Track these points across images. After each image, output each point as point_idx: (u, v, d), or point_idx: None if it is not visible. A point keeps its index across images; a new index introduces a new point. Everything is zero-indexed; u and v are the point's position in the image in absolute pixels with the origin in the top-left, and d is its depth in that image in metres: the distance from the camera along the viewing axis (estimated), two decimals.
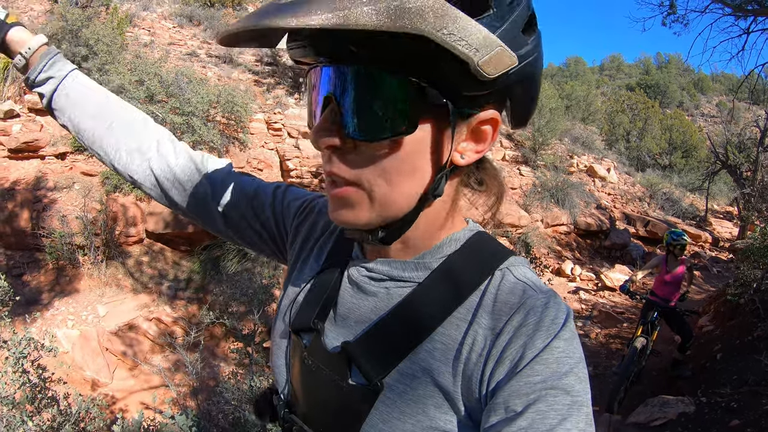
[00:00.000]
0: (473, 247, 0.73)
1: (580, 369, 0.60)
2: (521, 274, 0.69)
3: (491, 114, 0.65)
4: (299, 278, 0.88)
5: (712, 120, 34.39)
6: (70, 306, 6.64)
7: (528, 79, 0.66)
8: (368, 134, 0.62)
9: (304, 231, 0.93)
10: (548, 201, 12.44)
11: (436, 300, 0.69)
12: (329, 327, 0.78)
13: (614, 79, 44.10)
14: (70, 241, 6.94)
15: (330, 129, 0.63)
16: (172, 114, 8.34)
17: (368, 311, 0.74)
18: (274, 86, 11.85)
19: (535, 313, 0.63)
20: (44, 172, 7.49)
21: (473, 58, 0.56)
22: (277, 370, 0.86)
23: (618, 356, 6.74)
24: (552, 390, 0.58)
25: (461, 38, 0.54)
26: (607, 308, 9.05)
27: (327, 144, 0.64)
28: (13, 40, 1.01)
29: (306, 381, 0.77)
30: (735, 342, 5.49)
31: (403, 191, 0.65)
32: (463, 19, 0.54)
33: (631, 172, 17.96)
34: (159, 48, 11.12)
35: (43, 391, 2.48)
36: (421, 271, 0.72)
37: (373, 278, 0.75)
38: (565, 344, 0.61)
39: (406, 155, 0.63)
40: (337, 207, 0.68)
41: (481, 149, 0.68)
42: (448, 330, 0.67)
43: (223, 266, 7.87)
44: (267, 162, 9.74)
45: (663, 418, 4.49)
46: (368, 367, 0.69)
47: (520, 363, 0.60)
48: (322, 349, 0.75)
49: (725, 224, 17.66)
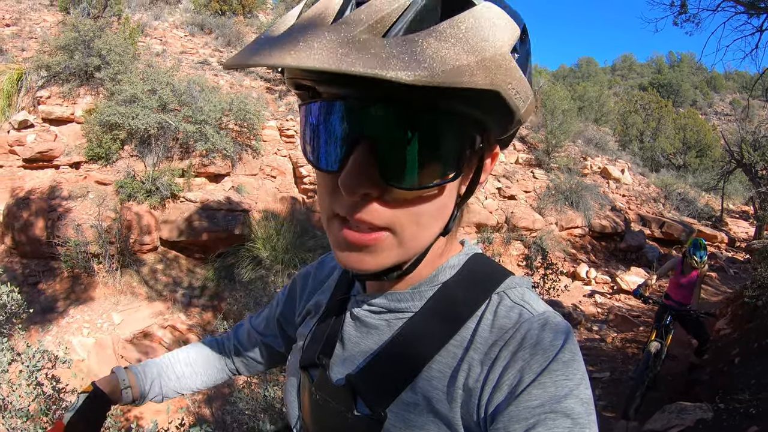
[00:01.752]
0: (469, 271, 0.74)
1: (581, 391, 0.59)
2: (518, 296, 0.69)
3: (496, 149, 0.67)
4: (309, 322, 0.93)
5: (726, 118, 34.01)
6: (85, 314, 6.71)
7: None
8: (417, 183, 0.57)
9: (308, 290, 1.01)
10: (562, 203, 12.37)
11: (432, 328, 0.70)
12: (335, 362, 0.80)
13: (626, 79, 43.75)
14: (84, 249, 7.02)
15: (363, 175, 0.57)
16: (185, 122, 8.41)
17: (371, 344, 0.76)
18: (287, 93, 11.89)
19: (531, 336, 0.63)
20: (59, 182, 7.59)
21: (521, 110, 0.58)
22: (289, 405, 0.89)
23: (634, 361, 6.65)
24: (551, 414, 0.57)
25: (518, 92, 0.56)
26: (623, 312, 8.94)
27: (363, 191, 0.58)
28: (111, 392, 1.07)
29: (315, 414, 0.79)
30: (753, 345, 5.39)
31: (431, 232, 0.65)
32: (519, 72, 0.55)
33: (645, 172, 17.79)
34: (171, 57, 11.23)
35: (57, 402, 2.50)
36: (417, 300, 0.73)
37: (373, 311, 0.77)
38: (564, 366, 0.60)
39: (443, 199, 0.62)
40: (353, 251, 0.63)
41: (482, 180, 0.68)
42: (445, 358, 0.68)
43: (237, 273, 7.91)
44: (280, 169, 9.78)
45: (680, 425, 4.42)
46: (371, 398, 0.70)
47: (518, 387, 0.60)
48: (328, 383, 0.77)
49: (741, 224, 17.43)
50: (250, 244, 8.10)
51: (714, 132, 21.62)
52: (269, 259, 7.94)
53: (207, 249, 8.16)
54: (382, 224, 0.60)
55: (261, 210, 8.76)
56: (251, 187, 9.17)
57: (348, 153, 0.57)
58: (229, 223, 8.06)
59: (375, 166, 0.57)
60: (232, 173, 9.16)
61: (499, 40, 0.52)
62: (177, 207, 7.99)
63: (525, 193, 12.28)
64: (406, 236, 0.62)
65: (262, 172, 9.64)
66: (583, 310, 9.16)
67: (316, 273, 1.01)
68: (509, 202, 11.60)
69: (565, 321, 0.66)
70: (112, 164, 8.12)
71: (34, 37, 9.98)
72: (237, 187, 8.97)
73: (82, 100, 8.72)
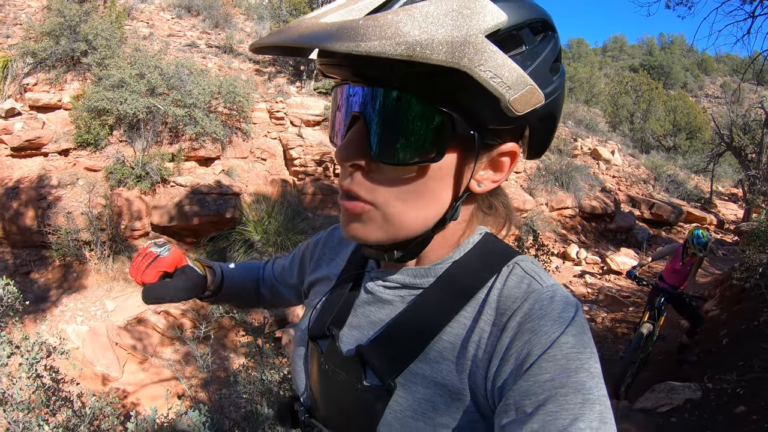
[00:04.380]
0: (480, 248, 0.75)
1: (591, 365, 0.59)
2: (528, 268, 0.70)
3: (511, 147, 0.67)
4: (318, 291, 0.95)
5: (716, 101, 34.16)
6: (78, 302, 6.69)
7: (550, 116, 0.67)
8: (396, 158, 0.62)
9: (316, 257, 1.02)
10: (553, 184, 12.42)
11: (443, 300, 0.71)
12: (345, 333, 0.81)
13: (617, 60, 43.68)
14: (76, 237, 6.97)
15: (356, 147, 0.64)
16: (174, 106, 8.31)
17: (383, 316, 0.77)
18: (276, 75, 11.78)
19: (540, 306, 0.63)
20: (48, 170, 7.50)
21: (505, 96, 0.58)
22: (296, 376, 0.90)
23: (624, 341, 6.75)
24: (562, 389, 0.56)
25: (496, 75, 0.56)
26: (613, 292, 9.04)
27: (351, 162, 0.65)
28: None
29: (323, 385, 0.80)
30: (741, 327, 5.48)
31: (420, 215, 0.67)
32: (500, 57, 0.56)
33: (635, 154, 17.88)
34: (158, 40, 11.05)
35: (56, 392, 2.51)
36: (431, 277, 0.74)
37: (388, 287, 0.78)
38: (574, 339, 0.60)
39: (428, 181, 0.65)
40: (349, 221, 0.69)
41: (498, 179, 0.70)
42: (455, 329, 0.69)
43: (229, 257, 7.89)
44: (270, 151, 9.72)
45: (670, 404, 4.51)
46: (381, 368, 0.71)
47: (527, 360, 0.60)
48: (338, 354, 0.78)
49: (730, 206, 17.61)
50: (241, 227, 8.08)
51: (704, 114, 21.73)
52: (261, 242, 7.93)
53: (198, 233, 8.12)
54: (367, 197, 0.66)
55: (252, 193, 8.73)
56: (242, 170, 9.11)
57: (348, 129, 0.66)
58: (220, 207, 8.02)
59: (365, 141, 0.64)
60: (222, 156, 9.09)
61: (472, 22, 0.54)
62: (167, 192, 7.94)
63: (515, 173, 12.31)
64: (390, 212, 0.66)
65: (252, 155, 9.58)
66: (574, 291, 9.25)
67: (327, 240, 1.03)
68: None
69: (574, 296, 0.67)
70: (101, 150, 8.02)
71: (19, 23, 9.75)
72: (227, 170, 8.92)
73: (69, 86, 8.57)
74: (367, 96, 0.63)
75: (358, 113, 0.64)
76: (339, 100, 0.68)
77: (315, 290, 0.98)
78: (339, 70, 0.65)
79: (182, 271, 1.04)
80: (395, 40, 0.52)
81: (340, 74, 0.66)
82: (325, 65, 0.65)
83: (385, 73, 0.60)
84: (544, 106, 0.63)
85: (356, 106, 0.64)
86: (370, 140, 0.63)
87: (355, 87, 0.64)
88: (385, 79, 0.61)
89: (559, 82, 0.66)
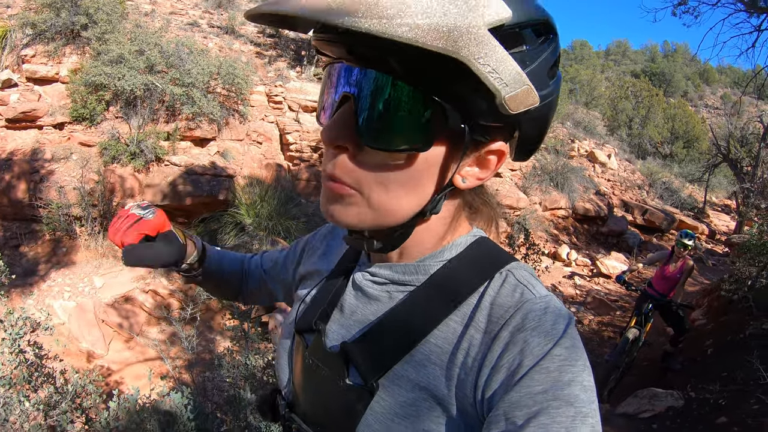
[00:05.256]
0: (474, 251, 0.74)
1: (584, 378, 0.58)
2: (522, 277, 0.69)
3: (499, 146, 0.66)
4: (308, 284, 0.94)
5: (715, 112, 34.21)
6: (66, 277, 6.65)
7: (542, 119, 0.66)
8: (383, 144, 0.61)
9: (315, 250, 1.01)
10: (547, 184, 12.46)
11: (433, 303, 0.70)
12: (331, 328, 0.79)
13: (619, 65, 43.55)
14: (67, 212, 6.92)
15: (342, 128, 0.63)
16: (172, 85, 8.24)
17: (369, 314, 0.76)
18: (276, 58, 11.70)
19: (533, 317, 0.62)
20: (42, 143, 7.42)
21: (501, 92, 0.57)
22: (280, 369, 0.89)
23: (610, 344, 6.79)
24: (554, 401, 0.55)
25: (495, 70, 0.55)
26: (601, 295, 9.10)
27: (336, 143, 0.63)
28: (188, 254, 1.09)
29: (306, 380, 0.79)
30: (726, 338, 5.53)
31: (401, 203, 0.65)
32: (500, 52, 0.55)
33: (631, 159, 17.93)
34: (160, 17, 10.92)
35: (39, 368, 2.49)
36: (421, 274, 0.73)
37: (376, 282, 0.77)
38: (567, 352, 0.59)
39: (412, 170, 0.63)
40: (330, 201, 0.67)
41: (483, 176, 0.68)
42: (444, 333, 0.67)
43: (220, 239, 7.87)
44: (266, 135, 9.67)
45: (651, 410, 4.55)
46: (364, 367, 0.70)
47: (519, 371, 0.59)
48: (322, 349, 0.77)
49: (723, 217, 17.70)
50: (233, 210, 8.05)
51: (703, 124, 21.81)
52: (253, 225, 7.91)
53: (190, 214, 8.09)
54: (351, 182, 0.64)
55: (246, 176, 8.70)
56: (237, 152, 9.07)
57: (337, 110, 0.64)
58: (213, 189, 7.99)
59: (353, 123, 0.62)
60: (218, 138, 9.04)
61: (477, 13, 0.53)
62: (161, 171, 7.88)
63: (511, 171, 12.32)
64: (373, 199, 0.64)
65: (248, 137, 9.53)
66: (562, 291, 9.31)
67: (330, 234, 1.01)
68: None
69: (566, 308, 0.66)
70: (96, 125, 7.94)
71: None
72: (222, 152, 8.87)
73: (67, 59, 8.46)
74: (359, 77, 0.61)
75: (348, 94, 0.62)
76: (330, 78, 0.66)
77: (305, 283, 0.97)
78: (334, 47, 0.62)
79: (165, 236, 1.01)
80: (397, 21, 0.51)
81: (334, 52, 0.63)
82: (320, 41, 0.63)
83: (381, 54, 0.58)
84: (538, 109, 0.62)
85: (347, 87, 0.62)
86: (357, 122, 0.62)
87: (348, 67, 0.62)
88: (380, 61, 0.59)
89: (554, 87, 0.65)
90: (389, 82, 0.59)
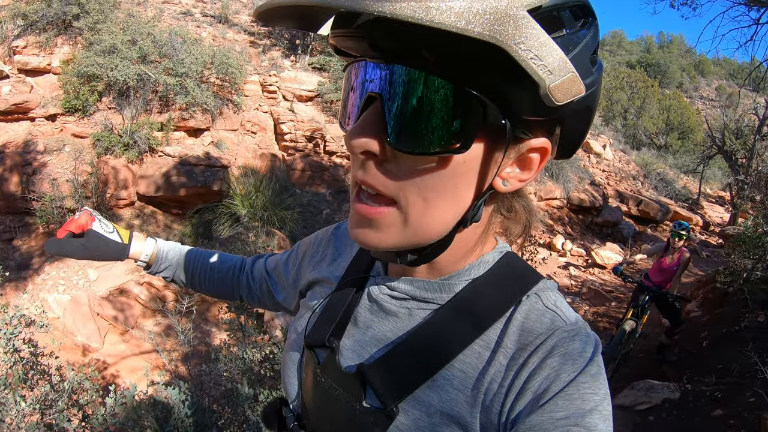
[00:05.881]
0: (501, 270, 0.70)
1: (604, 407, 0.57)
2: (550, 301, 0.66)
3: (542, 142, 0.60)
4: (318, 293, 0.89)
5: (710, 103, 34.30)
6: (60, 270, 6.61)
7: (586, 111, 0.61)
8: (417, 147, 0.55)
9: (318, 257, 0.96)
10: (542, 174, 12.44)
11: (458, 326, 0.66)
12: (345, 344, 0.76)
13: (615, 55, 43.45)
14: (60, 204, 6.89)
15: (369, 132, 0.57)
16: (165, 75, 8.17)
17: (387, 331, 0.72)
18: (270, 48, 11.63)
19: (561, 345, 0.60)
20: (34, 135, 7.36)
21: (545, 81, 0.51)
22: (287, 381, 0.85)
23: (606, 335, 6.81)
24: (575, 428, 0.54)
25: (537, 57, 0.49)
26: (596, 286, 9.12)
27: (364, 149, 0.58)
28: (133, 255, 1.19)
29: (318, 398, 0.75)
30: (722, 330, 5.55)
31: (440, 215, 0.60)
32: (542, 36, 0.49)
33: (626, 150, 17.99)
34: (152, 7, 10.84)
35: (35, 366, 2.45)
36: (445, 293, 0.69)
37: (395, 297, 0.73)
38: (592, 380, 0.58)
39: (450, 175, 0.58)
40: (362, 225, 0.62)
41: (525, 178, 0.63)
42: (468, 358, 0.65)
43: (215, 230, 7.85)
44: (261, 125, 9.62)
45: (648, 402, 4.57)
46: (384, 391, 0.66)
47: (544, 396, 0.57)
48: (337, 368, 0.73)
49: (717, 209, 17.79)
50: (228, 200, 8.03)
51: (698, 116, 21.87)
52: (247, 216, 7.89)
53: (185, 205, 8.05)
54: (387, 192, 0.59)
55: (240, 166, 8.67)
56: (231, 142, 9.02)
57: (362, 112, 0.58)
58: (207, 179, 7.95)
59: (381, 125, 0.56)
60: (212, 128, 8.98)
61: None
62: (155, 161, 7.83)
63: None
64: (411, 213, 0.59)
65: (242, 127, 9.49)
66: (557, 282, 9.31)
67: (331, 240, 0.96)
68: None
69: (594, 333, 0.64)
70: (89, 117, 7.88)
71: None
72: (216, 142, 8.82)
73: (59, 50, 8.39)
74: (385, 74, 0.55)
75: (374, 93, 0.57)
76: (352, 79, 0.60)
77: (314, 291, 0.91)
78: (355, 42, 0.57)
79: (86, 234, 1.12)
80: (426, 4, 0.44)
81: (355, 48, 0.58)
82: (339, 36, 0.58)
83: (409, 46, 0.53)
84: (583, 99, 0.56)
85: (372, 86, 0.57)
86: (386, 124, 0.56)
87: (372, 63, 0.57)
88: (408, 54, 0.53)
89: (597, 75, 0.60)
90: (419, 77, 0.53)
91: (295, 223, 8.22)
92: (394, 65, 0.55)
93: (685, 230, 5.38)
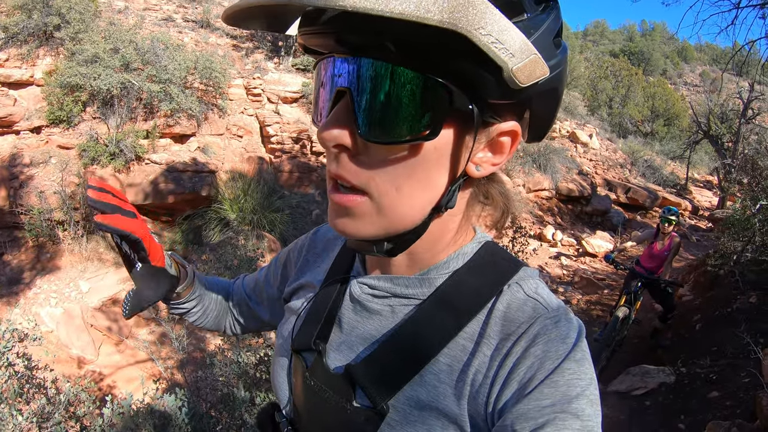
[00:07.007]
0: (481, 260, 0.70)
1: (591, 391, 0.58)
2: (531, 289, 0.66)
3: (512, 125, 0.62)
4: (301, 297, 0.89)
5: (695, 89, 34.58)
6: (52, 284, 6.56)
7: (553, 93, 0.62)
8: (385, 136, 0.56)
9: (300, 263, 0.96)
10: (530, 166, 12.52)
11: (441, 319, 0.66)
12: (331, 347, 0.76)
13: (598, 45, 43.72)
14: (49, 217, 6.84)
15: (340, 126, 0.58)
16: (148, 82, 8.13)
17: (372, 330, 0.72)
18: (253, 51, 11.59)
19: (545, 332, 0.61)
20: (20, 148, 7.31)
21: (508, 64, 0.51)
22: (278, 386, 0.85)
23: (599, 323, 6.85)
24: (561, 414, 0.55)
25: (498, 41, 0.50)
26: (588, 274, 9.18)
27: (336, 142, 0.58)
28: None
29: (309, 401, 0.75)
30: (714, 313, 5.60)
31: (414, 203, 0.61)
32: (502, 20, 0.50)
33: (613, 138, 18.09)
34: (134, 14, 10.76)
35: (30, 380, 2.44)
36: (426, 287, 0.69)
37: (376, 295, 0.73)
38: (576, 365, 0.58)
39: (421, 162, 0.59)
40: (339, 215, 0.63)
41: (497, 161, 0.64)
42: (453, 351, 0.65)
43: (205, 236, 7.82)
44: (247, 128, 9.60)
45: (644, 387, 4.61)
46: (373, 390, 0.67)
47: (529, 384, 0.58)
48: (325, 370, 0.73)
49: (705, 193, 17.95)
50: (217, 205, 8.00)
51: (682, 102, 22.03)
52: (237, 220, 7.87)
53: (174, 212, 8.02)
54: (358, 183, 0.60)
55: (228, 170, 8.65)
56: (217, 147, 8.99)
57: (333, 107, 0.59)
58: (195, 185, 7.92)
59: (351, 118, 0.57)
60: (198, 133, 8.95)
61: None
62: (142, 169, 7.79)
63: None
64: (384, 202, 0.60)
65: (228, 131, 9.46)
66: (549, 272, 9.38)
67: (311, 245, 0.96)
68: None
69: (577, 318, 0.64)
70: (74, 127, 7.82)
71: None
72: (203, 147, 8.79)
73: (41, 61, 8.30)
74: (352, 67, 0.56)
75: (343, 88, 0.57)
76: (322, 75, 0.61)
77: (298, 296, 0.91)
78: (321, 39, 0.57)
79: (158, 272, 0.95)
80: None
81: (322, 44, 0.59)
82: (306, 35, 0.58)
83: (372, 40, 0.53)
84: (548, 81, 0.58)
85: (341, 80, 0.57)
86: (356, 117, 0.57)
87: (339, 58, 0.58)
88: (372, 47, 0.54)
89: (561, 57, 0.61)
90: (385, 69, 0.55)
91: (284, 225, 8.21)
92: (360, 58, 0.56)
93: (674, 215, 5.42)
